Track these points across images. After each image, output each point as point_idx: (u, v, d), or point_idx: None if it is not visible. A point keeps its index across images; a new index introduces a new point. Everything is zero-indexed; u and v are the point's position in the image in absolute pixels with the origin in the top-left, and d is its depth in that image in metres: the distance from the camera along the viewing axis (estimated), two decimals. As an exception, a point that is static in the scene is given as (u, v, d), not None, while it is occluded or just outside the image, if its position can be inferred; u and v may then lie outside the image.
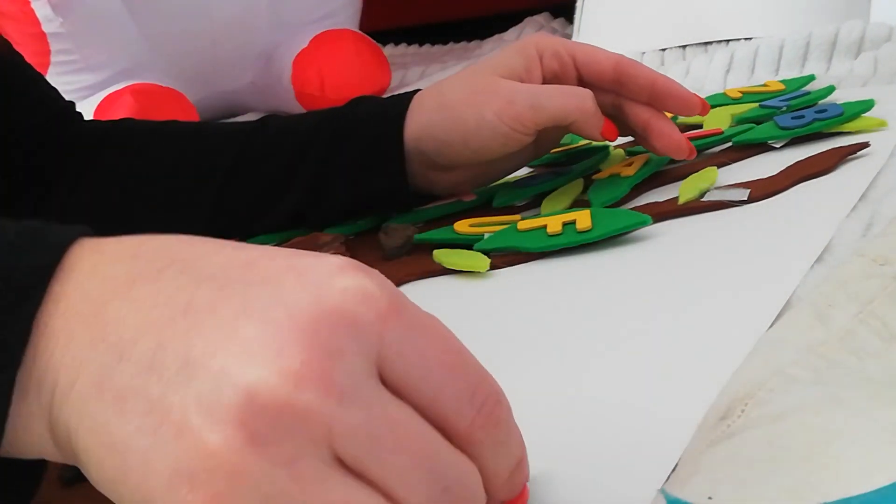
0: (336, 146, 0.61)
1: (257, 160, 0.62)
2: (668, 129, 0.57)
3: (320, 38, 1.07)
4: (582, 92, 0.56)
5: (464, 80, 0.59)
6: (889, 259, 0.40)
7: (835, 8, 0.87)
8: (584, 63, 0.58)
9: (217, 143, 0.64)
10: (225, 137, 0.65)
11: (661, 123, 0.57)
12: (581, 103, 0.56)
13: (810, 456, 0.29)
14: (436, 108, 0.58)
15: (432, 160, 0.59)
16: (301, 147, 0.61)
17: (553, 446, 0.35)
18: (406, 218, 0.61)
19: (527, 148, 0.59)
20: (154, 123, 0.68)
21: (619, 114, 0.59)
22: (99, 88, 1.06)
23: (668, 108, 0.58)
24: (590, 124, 0.57)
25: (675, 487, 0.30)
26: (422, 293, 0.52)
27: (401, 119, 0.59)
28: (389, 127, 0.59)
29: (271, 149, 0.62)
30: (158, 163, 0.64)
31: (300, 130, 0.62)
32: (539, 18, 1.29)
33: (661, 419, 0.35)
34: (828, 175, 0.54)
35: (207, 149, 0.64)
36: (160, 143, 0.65)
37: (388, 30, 1.45)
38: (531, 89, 0.56)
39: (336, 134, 0.61)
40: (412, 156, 0.59)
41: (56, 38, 1.02)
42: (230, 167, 0.62)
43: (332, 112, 0.63)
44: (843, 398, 0.32)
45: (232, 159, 0.62)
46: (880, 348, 0.36)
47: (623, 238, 0.52)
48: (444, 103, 0.58)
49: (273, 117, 0.65)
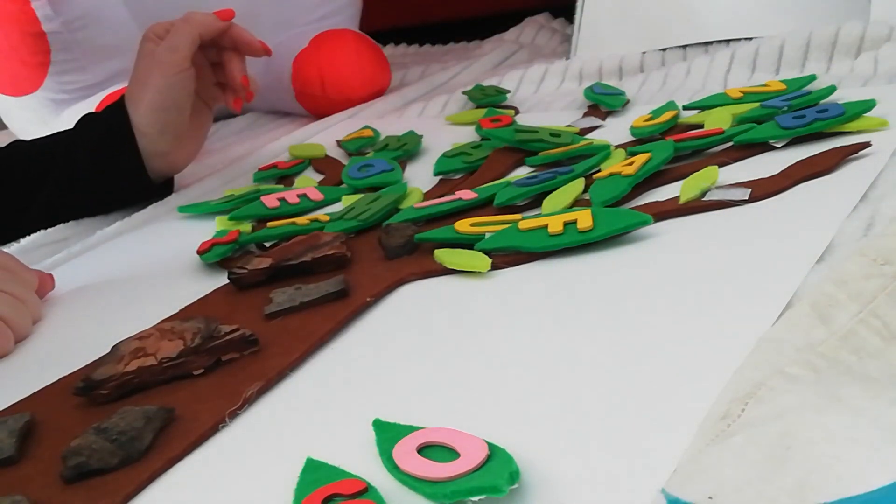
0: (75, 148, 0.77)
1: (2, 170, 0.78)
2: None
3: (320, 38, 1.07)
4: (186, 15, 0.77)
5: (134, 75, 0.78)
6: (890, 259, 0.40)
7: (835, 8, 0.87)
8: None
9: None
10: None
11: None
12: (194, 19, 0.76)
13: (810, 456, 0.29)
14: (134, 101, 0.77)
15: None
16: (44, 155, 0.78)
17: (553, 446, 0.35)
18: (406, 217, 0.61)
19: (190, 81, 0.76)
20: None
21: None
22: (99, 88, 1.06)
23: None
24: (210, 25, 0.76)
25: (675, 487, 0.30)
26: (422, 293, 0.52)
27: (122, 110, 0.77)
28: (115, 116, 0.77)
29: (17, 160, 0.78)
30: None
31: (41, 145, 0.80)
32: (539, 18, 1.29)
33: (661, 419, 0.35)
34: (829, 175, 0.54)
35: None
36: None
37: (388, 30, 1.45)
38: (164, 43, 0.75)
39: (73, 139, 0.78)
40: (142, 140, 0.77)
41: (56, 37, 1.01)
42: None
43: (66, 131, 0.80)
44: (844, 398, 0.32)
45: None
46: (881, 348, 0.36)
47: (624, 238, 0.52)
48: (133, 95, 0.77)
49: (20, 140, 0.83)
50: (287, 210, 0.70)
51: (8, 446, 0.42)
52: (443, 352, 0.45)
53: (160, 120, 0.76)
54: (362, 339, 0.48)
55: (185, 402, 0.44)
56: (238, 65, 0.79)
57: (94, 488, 0.39)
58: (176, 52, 0.75)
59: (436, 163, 0.73)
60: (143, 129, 0.77)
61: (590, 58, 0.96)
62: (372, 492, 0.34)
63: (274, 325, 0.51)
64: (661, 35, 0.96)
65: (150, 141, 0.77)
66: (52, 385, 0.50)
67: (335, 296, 0.52)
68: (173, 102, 0.76)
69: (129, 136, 0.77)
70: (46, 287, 0.64)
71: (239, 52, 0.79)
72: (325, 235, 0.59)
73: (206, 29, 0.76)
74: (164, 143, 0.78)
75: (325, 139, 0.91)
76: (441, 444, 0.36)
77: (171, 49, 0.75)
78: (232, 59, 0.79)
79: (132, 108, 0.77)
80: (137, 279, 0.65)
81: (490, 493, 0.32)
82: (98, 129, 0.78)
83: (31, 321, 0.59)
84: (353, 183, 0.73)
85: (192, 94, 0.77)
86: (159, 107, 0.76)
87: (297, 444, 0.39)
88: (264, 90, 1.18)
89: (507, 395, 0.40)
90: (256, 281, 0.57)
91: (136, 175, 0.78)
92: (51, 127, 1.06)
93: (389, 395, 0.42)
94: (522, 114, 0.86)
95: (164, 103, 0.76)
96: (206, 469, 0.40)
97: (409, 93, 1.05)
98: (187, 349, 0.47)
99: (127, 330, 0.51)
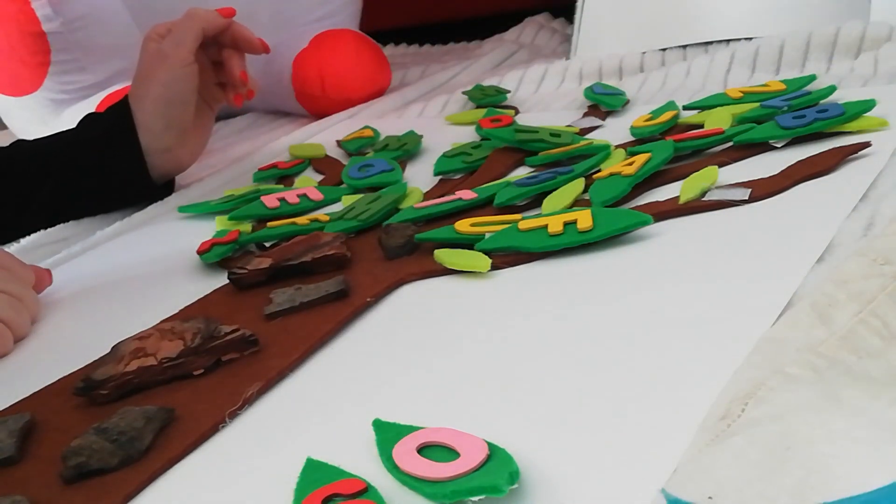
0: (77, 148, 0.78)
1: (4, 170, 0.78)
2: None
3: (320, 38, 1.07)
4: (190, 10, 0.78)
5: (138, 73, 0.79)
6: (889, 259, 0.40)
7: (835, 8, 0.87)
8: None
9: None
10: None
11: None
12: (196, 15, 0.77)
13: (810, 456, 0.29)
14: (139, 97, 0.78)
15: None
16: (46, 155, 0.78)
17: (553, 446, 0.35)
18: (406, 217, 0.61)
19: (195, 75, 0.78)
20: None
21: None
22: (99, 88, 1.06)
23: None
24: (213, 21, 0.78)
25: (675, 487, 0.30)
26: (422, 293, 0.52)
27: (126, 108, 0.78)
28: (117, 116, 0.78)
29: (18, 160, 0.78)
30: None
31: (43, 144, 0.80)
32: (539, 18, 1.29)
33: (661, 419, 0.35)
34: (829, 175, 0.54)
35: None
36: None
37: (388, 30, 1.45)
38: (168, 39, 0.77)
39: (75, 138, 0.79)
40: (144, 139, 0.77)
41: (56, 37, 1.01)
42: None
43: (68, 131, 0.81)
44: (844, 398, 0.32)
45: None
46: (881, 348, 0.36)
47: (624, 238, 0.52)
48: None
49: (22, 140, 0.83)
50: (287, 210, 0.70)
51: (8, 446, 0.42)
52: (443, 352, 0.45)
53: (165, 114, 0.77)
54: (362, 339, 0.48)
55: (185, 402, 0.44)
56: (238, 61, 0.80)
57: (94, 488, 0.39)
58: (181, 46, 0.76)
59: (436, 163, 0.73)
60: (148, 125, 0.77)
61: (590, 58, 0.96)
62: (372, 492, 0.34)
63: (274, 326, 0.51)
64: (661, 35, 0.96)
65: (155, 137, 0.78)
66: (52, 385, 0.50)
67: (335, 296, 0.52)
68: (178, 96, 0.77)
69: (132, 136, 0.77)
70: (43, 283, 0.64)
71: (239, 49, 0.80)
72: (325, 235, 0.59)
73: (209, 24, 0.77)
74: (169, 138, 0.78)
75: (325, 139, 0.91)
76: (441, 444, 0.36)
77: (176, 43, 0.76)
78: (232, 55, 0.80)
79: (136, 104, 0.78)
80: (137, 279, 0.65)
81: (490, 493, 0.32)
82: (100, 129, 0.79)
83: (29, 320, 0.59)
84: (353, 183, 0.73)
85: (196, 89, 0.78)
86: (165, 101, 0.77)
87: (297, 444, 0.39)
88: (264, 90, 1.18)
89: (507, 395, 0.40)
90: (256, 281, 0.57)
91: (138, 175, 0.78)
92: (51, 127, 1.06)
93: (389, 395, 0.42)
94: (522, 114, 0.86)
95: (170, 97, 0.77)
96: (206, 469, 0.40)
97: (409, 93, 1.05)
98: (187, 349, 0.47)
99: (127, 330, 0.51)
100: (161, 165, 0.80)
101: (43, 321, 0.61)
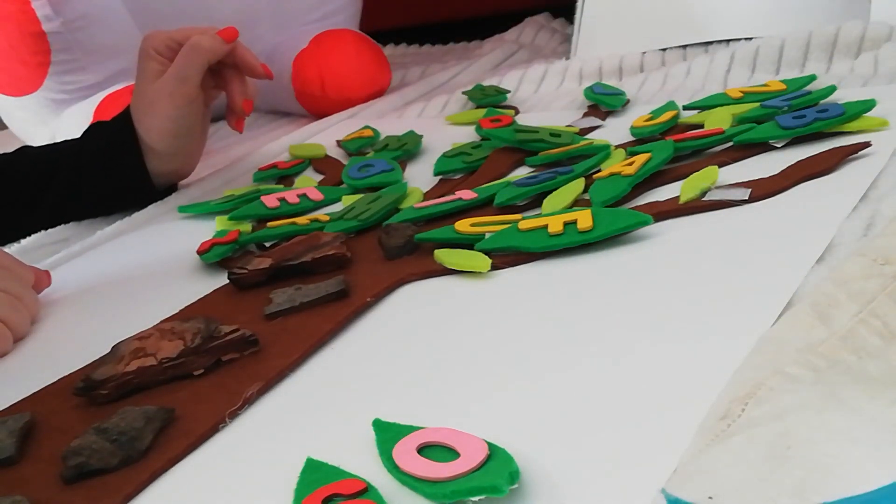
0: (81, 156, 0.78)
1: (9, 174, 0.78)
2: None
3: (320, 38, 1.07)
4: (193, 42, 0.75)
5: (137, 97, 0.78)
6: (890, 259, 0.40)
7: (835, 8, 0.87)
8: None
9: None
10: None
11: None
12: (200, 47, 0.75)
13: (810, 456, 0.29)
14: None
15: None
16: (50, 162, 0.78)
17: (553, 446, 0.35)
18: (406, 217, 0.61)
19: (200, 105, 0.78)
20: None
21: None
22: (99, 88, 1.06)
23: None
24: (216, 50, 0.76)
25: (675, 487, 0.30)
26: (422, 293, 0.52)
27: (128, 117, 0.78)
28: (121, 127, 0.78)
29: (23, 165, 0.79)
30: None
31: (48, 150, 0.81)
32: (539, 18, 1.29)
33: (661, 419, 0.35)
34: (829, 175, 0.54)
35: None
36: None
37: (388, 30, 1.45)
38: (172, 71, 0.75)
39: (79, 147, 0.79)
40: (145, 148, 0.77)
41: (56, 37, 1.01)
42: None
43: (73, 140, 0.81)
44: (844, 398, 0.32)
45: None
46: (881, 348, 0.36)
47: (624, 238, 0.52)
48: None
49: (28, 146, 0.84)
50: (287, 210, 0.70)
51: (8, 446, 0.42)
52: (443, 352, 0.45)
53: (172, 145, 0.78)
54: (362, 339, 0.48)
55: (185, 402, 0.44)
56: (239, 87, 0.79)
57: (94, 488, 0.39)
58: (185, 83, 0.75)
59: (436, 163, 0.73)
60: (155, 150, 0.78)
61: (590, 58, 0.96)
62: (372, 492, 0.34)
63: (274, 326, 0.51)
64: (661, 35, 0.96)
65: (162, 161, 0.79)
66: (52, 385, 0.50)
67: (335, 296, 0.52)
68: (186, 130, 0.77)
69: (135, 148, 0.77)
70: (42, 283, 0.64)
71: (240, 71, 0.79)
72: (325, 235, 0.59)
73: (213, 55, 0.76)
74: (176, 162, 0.80)
75: (325, 139, 0.91)
76: (441, 444, 0.36)
77: (181, 80, 0.75)
78: (233, 79, 0.79)
79: (142, 130, 0.77)
80: (137, 279, 0.65)
81: (490, 493, 0.32)
82: (104, 139, 0.79)
83: (29, 320, 0.59)
84: (353, 183, 0.73)
85: (201, 118, 0.79)
86: (172, 133, 0.77)
87: (297, 444, 0.39)
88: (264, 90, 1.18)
89: (507, 395, 0.40)
90: (256, 281, 0.57)
91: (141, 182, 0.79)
92: (51, 127, 1.06)
93: (389, 395, 0.42)
94: (522, 114, 0.86)
95: (177, 131, 0.77)
96: (206, 469, 0.40)
97: (409, 93, 1.05)
98: (187, 349, 0.47)
99: (127, 330, 0.51)
100: (164, 175, 0.80)
101: (43, 321, 0.61)
